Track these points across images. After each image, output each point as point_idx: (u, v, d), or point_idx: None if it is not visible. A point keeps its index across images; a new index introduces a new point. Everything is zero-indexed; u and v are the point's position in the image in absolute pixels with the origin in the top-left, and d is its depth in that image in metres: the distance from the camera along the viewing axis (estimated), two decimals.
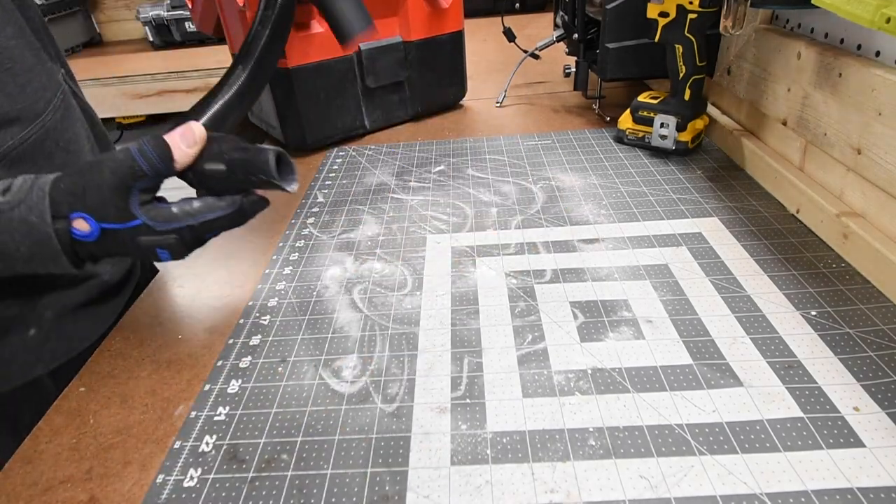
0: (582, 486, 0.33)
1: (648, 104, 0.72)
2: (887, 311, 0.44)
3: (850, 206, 0.52)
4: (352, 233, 0.62)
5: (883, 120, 0.47)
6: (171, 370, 0.46)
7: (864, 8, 0.39)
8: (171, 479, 0.36)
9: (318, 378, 0.43)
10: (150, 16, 1.74)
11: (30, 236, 0.37)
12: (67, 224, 0.37)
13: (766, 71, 0.65)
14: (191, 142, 0.40)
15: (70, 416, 0.42)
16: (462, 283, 0.52)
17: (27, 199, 0.37)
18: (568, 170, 0.71)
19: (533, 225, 0.60)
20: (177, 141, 0.40)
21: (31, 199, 0.37)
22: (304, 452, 0.37)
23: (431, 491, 0.34)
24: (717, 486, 0.33)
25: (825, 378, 0.39)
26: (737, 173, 0.67)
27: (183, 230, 0.40)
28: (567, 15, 0.89)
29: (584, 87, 0.92)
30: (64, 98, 0.51)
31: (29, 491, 0.37)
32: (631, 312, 0.46)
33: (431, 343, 0.45)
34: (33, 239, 0.37)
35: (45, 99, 0.48)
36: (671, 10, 0.65)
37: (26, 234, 0.37)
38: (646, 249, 0.54)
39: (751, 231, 0.56)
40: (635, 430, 0.36)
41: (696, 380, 0.40)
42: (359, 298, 0.51)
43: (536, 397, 0.39)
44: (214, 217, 0.41)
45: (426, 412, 0.39)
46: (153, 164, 0.38)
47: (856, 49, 0.53)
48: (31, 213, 0.36)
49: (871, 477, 0.32)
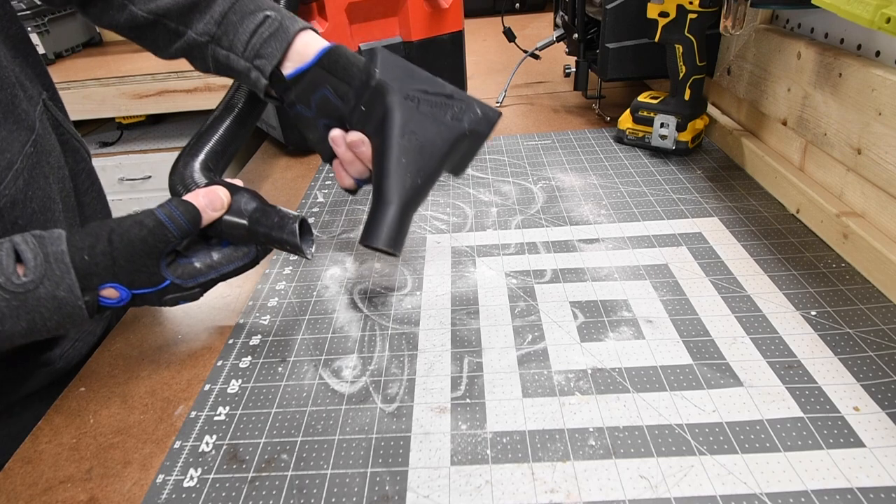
0: (582, 486, 0.33)
1: (648, 104, 0.72)
2: (887, 311, 0.44)
3: (850, 206, 0.52)
4: (352, 233, 0.62)
5: (883, 120, 0.47)
6: (171, 370, 0.46)
7: (864, 8, 0.39)
8: (171, 479, 0.36)
9: (318, 378, 0.43)
10: None
11: (59, 312, 0.36)
12: (96, 294, 0.38)
13: (766, 71, 0.65)
14: (217, 206, 0.42)
15: (70, 416, 0.42)
16: (462, 283, 0.52)
17: (49, 273, 0.36)
18: (568, 170, 0.71)
19: (533, 225, 0.60)
20: (203, 205, 0.41)
21: (55, 274, 0.36)
22: (304, 452, 0.37)
23: (431, 491, 0.34)
24: (717, 486, 0.33)
25: (825, 378, 0.39)
26: (737, 173, 0.67)
27: (206, 285, 0.43)
28: (567, 15, 0.89)
29: (584, 87, 0.92)
30: (34, 151, 0.46)
31: (29, 491, 0.37)
32: (631, 312, 0.46)
33: (431, 343, 0.45)
34: (63, 313, 0.36)
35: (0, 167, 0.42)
36: (671, 10, 0.65)
37: (55, 310, 0.36)
38: (646, 249, 0.54)
39: (751, 231, 0.56)
40: (635, 430, 0.36)
41: (696, 380, 0.40)
42: (359, 298, 0.51)
43: (536, 397, 0.39)
44: (233, 269, 0.43)
45: (426, 412, 0.39)
46: (183, 229, 0.39)
47: (856, 49, 0.53)
48: (59, 288, 0.36)
49: (871, 477, 0.32)
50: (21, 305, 0.35)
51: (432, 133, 0.45)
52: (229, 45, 0.48)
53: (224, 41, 0.48)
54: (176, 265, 0.41)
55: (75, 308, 0.37)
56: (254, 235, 0.44)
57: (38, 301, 0.35)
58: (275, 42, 0.47)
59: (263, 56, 0.47)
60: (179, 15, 0.49)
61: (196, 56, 0.51)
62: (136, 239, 0.38)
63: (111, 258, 0.37)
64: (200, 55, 0.50)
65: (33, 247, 0.36)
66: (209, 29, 0.48)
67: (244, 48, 0.48)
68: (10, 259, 0.35)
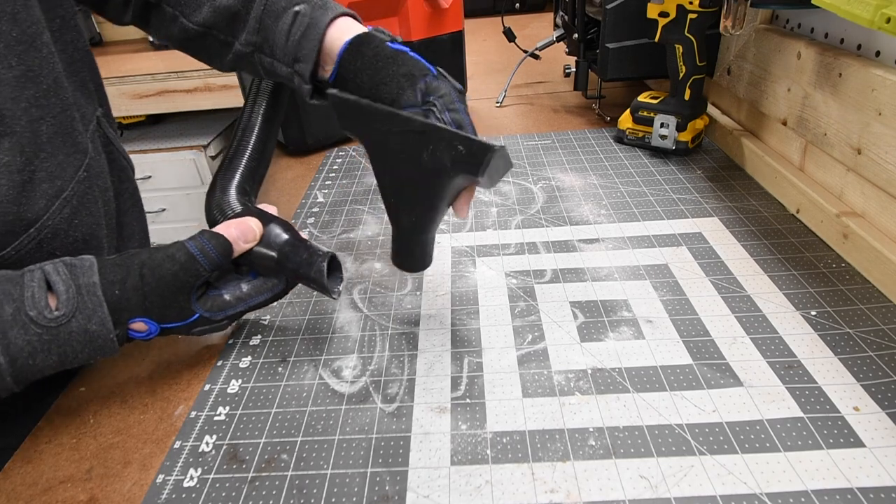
0: (582, 486, 0.33)
1: (648, 104, 0.72)
2: (887, 311, 0.44)
3: (850, 206, 0.52)
4: (352, 233, 0.62)
5: (883, 120, 0.47)
6: (171, 370, 0.46)
7: (864, 8, 0.39)
8: (171, 479, 0.36)
9: (318, 378, 0.43)
10: None
11: (91, 345, 0.36)
12: (125, 328, 0.38)
13: (766, 71, 0.65)
14: (249, 238, 0.42)
15: (70, 416, 0.42)
16: (462, 283, 0.52)
17: (81, 306, 0.35)
18: (568, 170, 0.71)
19: (533, 225, 0.60)
20: (235, 237, 0.41)
21: (87, 307, 0.36)
22: (304, 452, 0.37)
23: (431, 491, 0.34)
24: (717, 486, 0.33)
25: (825, 378, 0.39)
26: (737, 173, 0.67)
27: (234, 317, 0.42)
28: (567, 15, 0.89)
29: (584, 87, 0.92)
30: (86, 177, 0.44)
31: (29, 491, 0.37)
32: (631, 312, 0.46)
33: (431, 343, 0.45)
34: (94, 346, 0.36)
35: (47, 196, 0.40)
36: (671, 10, 0.65)
37: (87, 343, 0.36)
38: (646, 249, 0.54)
39: (751, 231, 0.56)
40: (635, 430, 0.36)
41: (696, 380, 0.40)
42: (359, 298, 0.51)
43: (536, 397, 0.39)
44: (262, 300, 0.43)
45: (426, 412, 0.39)
46: (214, 263, 0.39)
47: (856, 49, 0.53)
48: (91, 322, 0.36)
49: (871, 477, 0.32)
50: (53, 340, 0.35)
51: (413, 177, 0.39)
52: (271, 52, 0.46)
53: (266, 48, 0.46)
54: (206, 298, 0.41)
55: (107, 341, 0.37)
56: (283, 269, 0.44)
57: (70, 335, 0.35)
58: (306, 42, 0.44)
59: (301, 59, 0.44)
60: (226, 25, 0.47)
61: (248, 67, 0.49)
62: (167, 274, 0.38)
63: (142, 294, 0.37)
64: (251, 65, 0.48)
65: (65, 278, 0.36)
66: (251, 38, 0.46)
67: (283, 53, 0.45)
68: (42, 291, 0.35)
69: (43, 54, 0.41)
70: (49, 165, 0.40)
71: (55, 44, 0.43)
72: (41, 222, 0.40)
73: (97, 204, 0.46)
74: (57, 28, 0.44)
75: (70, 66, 0.46)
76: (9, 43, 0.38)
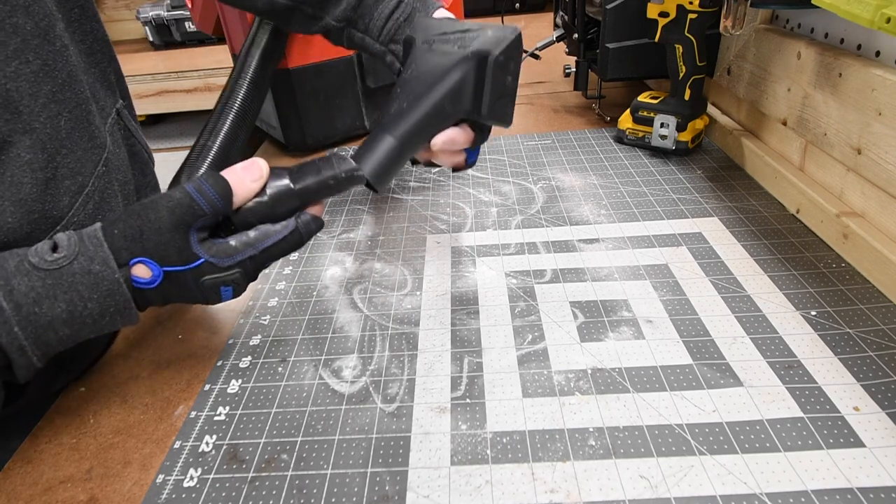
0: (582, 486, 0.33)
1: (648, 104, 0.72)
2: (887, 311, 0.44)
3: (850, 206, 0.52)
4: (352, 233, 0.62)
5: (883, 120, 0.47)
6: (171, 370, 0.46)
7: (864, 8, 0.39)
8: (171, 479, 0.36)
9: (318, 378, 0.43)
10: (150, 16, 1.74)
11: (97, 288, 0.34)
12: (128, 271, 0.35)
13: (766, 71, 0.65)
14: (256, 176, 0.39)
15: (70, 416, 0.42)
16: (462, 283, 0.52)
17: (83, 249, 0.34)
18: (568, 170, 0.71)
19: (533, 225, 0.60)
20: (240, 175, 0.38)
21: (88, 249, 0.35)
22: (304, 452, 0.37)
23: (431, 491, 0.34)
24: (717, 486, 0.33)
25: (825, 378, 0.39)
26: (737, 173, 0.67)
27: (245, 262, 0.39)
28: (567, 15, 0.89)
29: (584, 87, 0.92)
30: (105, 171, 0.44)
31: (29, 491, 0.37)
32: (631, 312, 0.46)
33: (431, 343, 0.45)
34: (101, 290, 0.34)
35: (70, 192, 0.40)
36: (671, 10, 0.65)
37: (93, 287, 0.34)
38: (646, 249, 0.54)
39: (751, 231, 0.56)
40: (635, 430, 0.36)
41: (696, 380, 0.40)
42: (359, 298, 0.51)
43: (536, 397, 0.39)
44: (272, 243, 0.40)
45: (426, 412, 0.39)
46: (212, 203, 0.37)
47: (856, 49, 0.53)
48: (93, 262, 0.34)
49: (871, 477, 0.32)
50: (56, 284, 0.33)
51: (431, 64, 0.43)
52: (364, 29, 0.51)
53: (360, 24, 0.52)
54: (210, 244, 0.38)
55: (113, 283, 0.34)
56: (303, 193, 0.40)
57: (73, 277, 0.34)
58: (408, 27, 0.50)
59: (398, 41, 0.50)
60: (317, 2, 0.51)
61: (332, 36, 0.55)
62: (163, 211, 0.36)
63: (139, 231, 0.36)
64: (336, 36, 0.54)
65: (69, 234, 0.35)
66: (346, 15, 0.51)
67: (379, 33, 0.51)
68: (47, 245, 0.34)
69: (56, 47, 0.40)
70: (70, 161, 0.40)
71: (74, 34, 0.43)
72: (66, 219, 0.40)
73: (117, 198, 0.46)
74: (76, 18, 0.44)
75: (89, 58, 0.45)
76: (25, 37, 0.37)
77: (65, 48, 0.41)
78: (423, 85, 0.42)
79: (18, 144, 0.37)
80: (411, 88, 0.42)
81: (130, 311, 0.36)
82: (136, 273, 0.36)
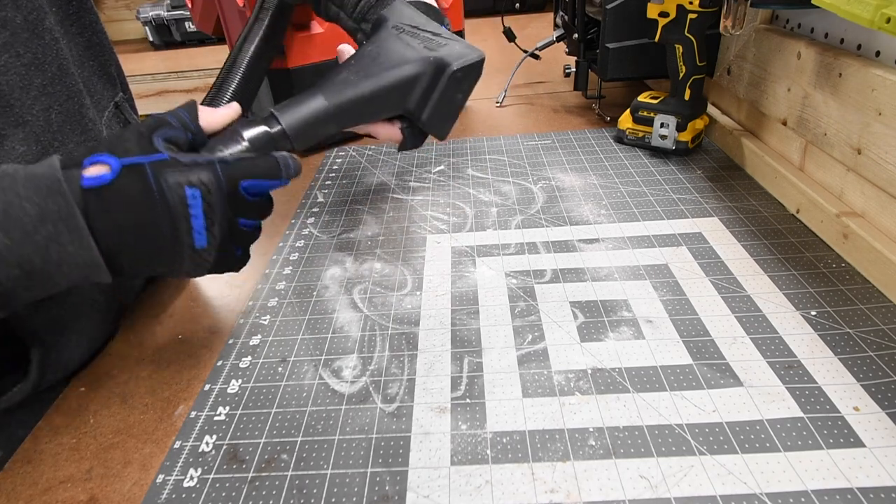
0: (582, 486, 0.33)
1: (648, 104, 0.72)
2: (887, 311, 0.44)
3: (850, 206, 0.52)
4: (352, 233, 0.62)
5: (883, 120, 0.47)
6: (171, 370, 0.46)
7: (864, 8, 0.39)
8: (171, 479, 0.36)
9: (318, 378, 0.43)
10: (150, 16, 1.74)
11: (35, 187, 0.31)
12: (77, 172, 0.32)
13: (766, 71, 0.65)
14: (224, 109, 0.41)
15: (70, 416, 0.42)
16: (462, 283, 0.52)
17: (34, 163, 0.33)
18: (568, 170, 0.71)
19: (533, 225, 0.60)
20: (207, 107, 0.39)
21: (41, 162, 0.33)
22: (304, 452, 0.37)
23: (431, 491, 0.34)
24: (717, 486, 0.33)
25: (825, 378, 0.39)
26: (737, 173, 0.67)
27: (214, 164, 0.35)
28: (567, 15, 0.89)
29: (584, 87, 0.92)
30: None
31: (29, 491, 0.37)
32: (631, 312, 0.46)
33: (431, 343, 0.45)
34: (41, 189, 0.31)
35: None
36: (671, 10, 0.65)
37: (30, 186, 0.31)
38: (646, 249, 0.54)
39: (751, 231, 0.56)
40: (635, 430, 0.36)
41: (696, 380, 0.40)
42: (359, 298, 0.51)
43: (536, 397, 0.39)
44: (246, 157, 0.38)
45: (426, 412, 0.39)
46: (178, 116, 0.37)
47: (856, 49, 0.53)
48: (38, 167, 0.32)
49: (871, 477, 0.32)
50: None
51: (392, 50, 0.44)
52: (340, 3, 0.54)
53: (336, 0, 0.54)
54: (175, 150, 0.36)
55: (53, 182, 0.31)
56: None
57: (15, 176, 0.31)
58: (380, 8, 0.51)
59: (369, 21, 0.51)
60: None
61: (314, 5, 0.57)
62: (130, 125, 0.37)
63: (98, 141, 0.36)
64: (316, 6, 0.57)
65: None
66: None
67: (353, 9, 0.53)
68: None
69: (46, 41, 0.40)
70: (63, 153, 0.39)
71: (70, 27, 0.44)
72: None
73: None
74: (74, 12, 0.44)
75: (87, 51, 0.46)
76: (15, 31, 0.38)
77: (55, 41, 0.41)
78: (377, 66, 0.43)
79: (12, 137, 0.37)
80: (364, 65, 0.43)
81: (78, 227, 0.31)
82: (91, 173, 0.32)
